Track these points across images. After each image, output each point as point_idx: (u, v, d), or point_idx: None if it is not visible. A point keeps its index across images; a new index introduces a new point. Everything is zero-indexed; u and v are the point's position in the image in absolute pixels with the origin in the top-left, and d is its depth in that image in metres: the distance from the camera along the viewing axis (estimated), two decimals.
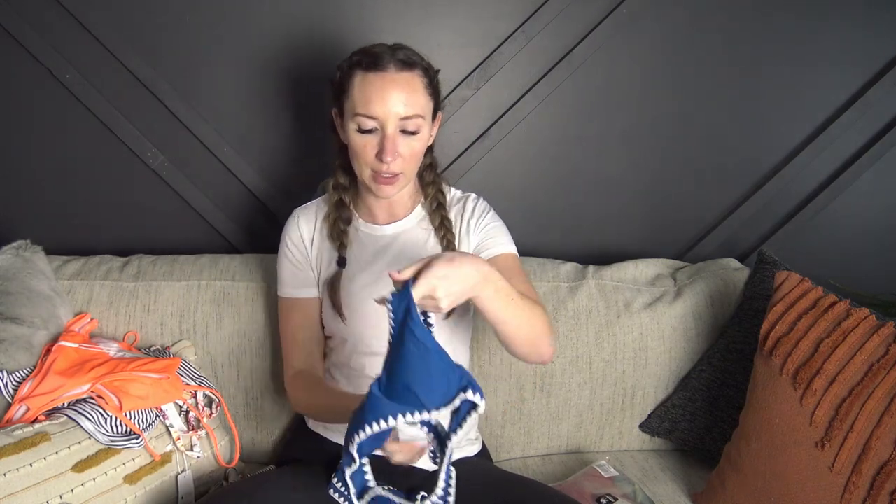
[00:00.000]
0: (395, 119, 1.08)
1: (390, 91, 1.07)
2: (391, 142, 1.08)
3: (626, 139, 1.63)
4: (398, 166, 1.11)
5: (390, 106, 1.07)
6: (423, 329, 0.83)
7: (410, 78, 1.10)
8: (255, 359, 1.41)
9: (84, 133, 1.53)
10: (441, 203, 1.24)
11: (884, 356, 1.19)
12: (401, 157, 1.10)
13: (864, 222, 1.71)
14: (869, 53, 1.61)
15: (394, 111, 1.08)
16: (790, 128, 1.66)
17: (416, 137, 1.11)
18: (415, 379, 0.83)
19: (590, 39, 1.54)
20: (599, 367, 1.46)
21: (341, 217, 1.23)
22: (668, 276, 1.57)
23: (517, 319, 0.99)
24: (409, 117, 1.09)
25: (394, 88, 1.08)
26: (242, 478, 1.28)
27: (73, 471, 1.06)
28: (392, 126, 1.08)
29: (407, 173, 1.14)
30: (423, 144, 1.14)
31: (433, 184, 1.24)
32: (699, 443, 1.46)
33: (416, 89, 1.10)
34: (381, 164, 1.10)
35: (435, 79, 1.15)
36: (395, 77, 1.08)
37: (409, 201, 1.25)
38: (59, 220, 1.59)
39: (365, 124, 1.09)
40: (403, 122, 1.09)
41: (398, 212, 1.24)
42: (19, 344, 1.19)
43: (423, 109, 1.11)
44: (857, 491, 1.13)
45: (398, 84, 1.08)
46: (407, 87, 1.09)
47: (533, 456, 1.51)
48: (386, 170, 1.10)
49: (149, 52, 1.49)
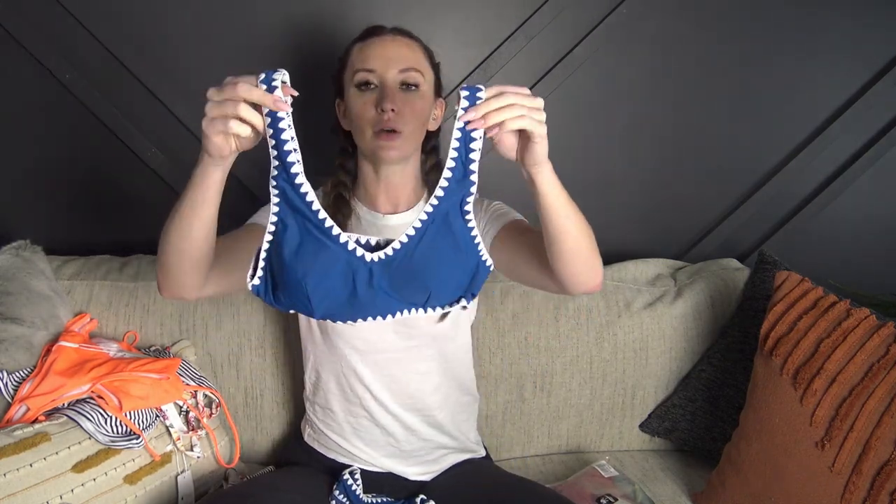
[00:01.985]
0: (393, 70, 1.08)
1: (388, 46, 1.10)
2: (391, 89, 1.07)
3: (626, 139, 1.63)
4: (399, 121, 1.07)
5: (389, 56, 1.08)
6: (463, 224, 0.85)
7: (409, 42, 1.13)
8: (255, 359, 1.41)
9: (84, 133, 1.53)
10: None
11: (884, 356, 1.19)
12: (401, 112, 1.07)
13: (864, 222, 1.71)
14: (869, 53, 1.61)
15: (393, 61, 1.08)
16: (790, 128, 1.66)
17: (416, 94, 1.10)
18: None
19: (590, 39, 1.54)
20: (600, 367, 1.46)
21: (341, 212, 1.19)
22: (668, 276, 1.57)
23: (578, 219, 0.94)
24: (408, 69, 1.08)
25: (392, 45, 1.10)
26: (242, 478, 1.28)
27: (73, 471, 1.06)
28: (391, 76, 1.08)
29: (407, 134, 1.09)
30: (425, 104, 1.12)
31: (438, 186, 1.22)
32: (699, 443, 1.46)
33: (416, 50, 1.12)
34: (380, 116, 1.06)
35: (436, 61, 1.17)
36: (394, 38, 1.12)
37: (412, 194, 1.20)
38: (59, 220, 1.59)
39: (364, 78, 1.08)
40: (403, 75, 1.08)
41: (399, 201, 1.19)
42: (19, 344, 1.19)
43: (422, 67, 1.11)
44: (857, 491, 1.13)
45: (397, 42, 1.11)
46: (405, 46, 1.11)
47: (533, 456, 1.51)
48: (387, 120, 1.06)
49: (149, 52, 1.49)
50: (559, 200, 0.92)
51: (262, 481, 1.14)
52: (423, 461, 1.21)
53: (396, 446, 1.18)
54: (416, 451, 1.20)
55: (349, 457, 1.20)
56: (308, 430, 1.27)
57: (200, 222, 0.93)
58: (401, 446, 1.18)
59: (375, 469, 1.19)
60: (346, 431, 1.19)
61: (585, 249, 0.96)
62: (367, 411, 1.16)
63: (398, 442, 1.18)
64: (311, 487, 1.13)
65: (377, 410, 1.16)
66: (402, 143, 1.09)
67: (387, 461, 1.19)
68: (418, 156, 1.19)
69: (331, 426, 1.20)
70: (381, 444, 1.18)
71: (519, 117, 0.82)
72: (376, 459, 1.18)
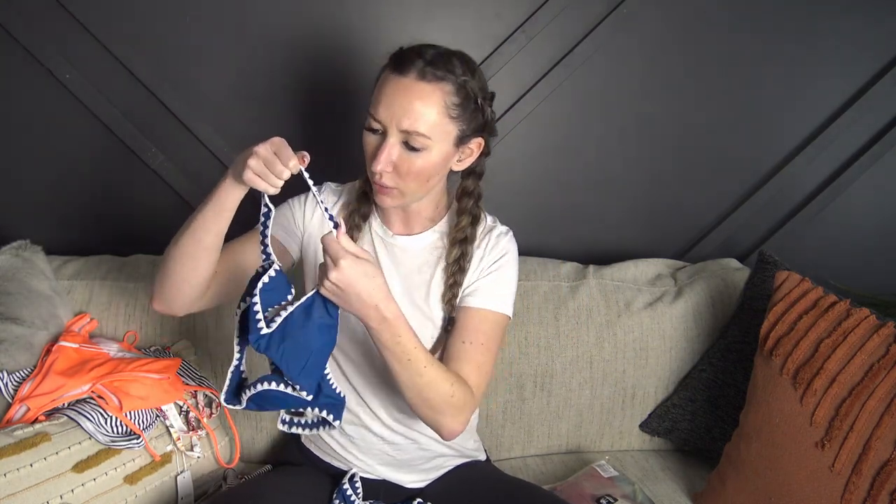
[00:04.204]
0: (395, 129, 0.98)
1: (399, 99, 0.97)
2: (385, 150, 0.98)
3: (626, 139, 1.63)
4: (391, 180, 1.01)
5: (393, 113, 0.97)
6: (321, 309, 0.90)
7: (430, 92, 0.97)
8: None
9: (84, 133, 1.53)
10: (468, 238, 1.10)
11: (884, 356, 1.19)
12: (396, 171, 1.00)
13: (864, 222, 1.71)
14: (869, 53, 1.61)
15: (395, 121, 0.97)
16: (790, 128, 1.66)
17: (419, 155, 0.99)
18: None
19: (590, 39, 1.54)
20: (600, 367, 1.46)
21: (359, 211, 1.14)
22: (668, 276, 1.57)
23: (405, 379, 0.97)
24: (411, 133, 0.97)
25: (404, 98, 0.97)
26: (241, 477, 1.28)
27: (73, 471, 1.06)
28: (393, 135, 0.98)
29: (404, 190, 1.03)
30: (431, 167, 1.01)
31: (468, 213, 1.11)
32: (699, 443, 1.46)
33: (431, 105, 0.97)
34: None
35: (472, 101, 1.01)
36: (412, 86, 0.97)
37: (427, 220, 1.13)
38: (59, 220, 1.59)
39: (370, 124, 1.00)
40: (405, 136, 0.98)
41: (412, 225, 1.13)
42: (19, 344, 1.19)
43: (430, 130, 0.98)
44: (857, 491, 1.13)
45: (411, 94, 0.97)
46: (419, 101, 0.97)
47: (533, 455, 1.51)
48: (378, 178, 1.01)
49: (149, 52, 1.49)
50: (386, 356, 0.96)
51: (264, 482, 1.13)
52: (419, 470, 1.20)
53: (393, 455, 1.18)
54: (413, 461, 1.19)
55: (346, 463, 1.19)
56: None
57: (211, 235, 0.98)
58: (397, 456, 1.18)
59: (372, 477, 1.18)
60: (343, 440, 1.18)
61: (417, 406, 1.00)
62: (364, 425, 1.16)
63: (395, 452, 1.17)
64: (312, 489, 1.13)
65: (373, 424, 1.15)
66: (398, 198, 1.04)
67: (383, 469, 1.18)
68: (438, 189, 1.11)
69: (328, 432, 1.20)
70: (377, 453, 1.17)
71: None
72: (373, 468, 1.18)
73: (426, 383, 0.97)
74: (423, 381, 0.96)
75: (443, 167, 1.04)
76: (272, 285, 0.89)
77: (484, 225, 1.14)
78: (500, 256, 1.12)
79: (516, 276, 1.14)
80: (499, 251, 1.12)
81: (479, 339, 1.07)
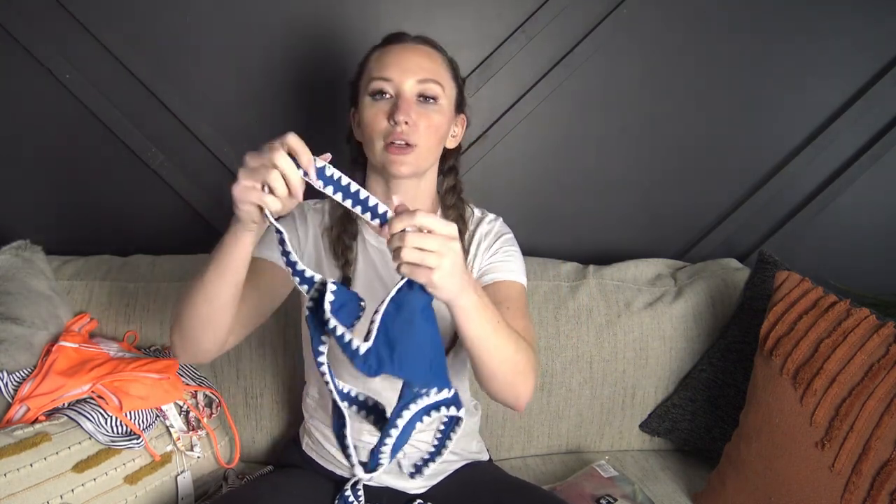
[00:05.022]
0: (411, 80, 1.01)
1: (408, 54, 1.03)
2: (406, 100, 1.00)
3: (626, 139, 1.63)
4: (412, 135, 1.00)
5: (407, 65, 1.01)
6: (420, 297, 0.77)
7: (431, 52, 1.06)
8: (255, 359, 1.41)
9: (84, 133, 1.53)
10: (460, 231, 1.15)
11: (884, 356, 1.19)
12: (416, 125, 1.00)
13: (864, 222, 1.71)
14: (869, 53, 1.61)
15: (410, 71, 1.01)
16: (790, 128, 1.66)
17: (434, 108, 1.03)
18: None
19: (590, 39, 1.54)
20: (600, 367, 1.46)
21: (346, 231, 1.12)
22: (668, 276, 1.57)
23: (497, 348, 0.89)
24: (427, 80, 1.01)
25: (412, 53, 1.04)
26: (241, 477, 1.28)
27: (73, 471, 1.06)
28: (408, 86, 1.01)
29: (422, 149, 1.02)
30: (443, 120, 1.04)
31: (454, 208, 1.14)
32: (699, 443, 1.46)
33: (436, 61, 1.05)
34: (393, 127, 1.00)
35: (459, 75, 1.10)
36: (415, 47, 1.05)
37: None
38: (59, 220, 1.59)
39: (379, 87, 1.01)
40: (421, 86, 1.01)
41: None
42: (19, 344, 1.19)
43: (443, 80, 1.04)
44: (857, 491, 1.13)
45: (417, 51, 1.04)
46: (426, 56, 1.04)
47: (533, 455, 1.51)
48: (399, 133, 0.99)
49: (149, 51, 1.49)
50: (479, 331, 0.87)
51: (266, 483, 1.13)
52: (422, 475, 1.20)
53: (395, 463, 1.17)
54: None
55: (347, 470, 1.19)
56: (306, 439, 1.25)
57: (227, 288, 0.89)
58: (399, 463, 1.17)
59: (373, 484, 1.18)
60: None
61: (510, 372, 0.93)
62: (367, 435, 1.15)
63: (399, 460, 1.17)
64: (314, 492, 1.13)
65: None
66: (415, 159, 1.02)
67: (386, 477, 1.18)
68: (434, 175, 1.13)
69: (329, 439, 1.19)
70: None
71: (405, 263, 0.76)
72: (376, 475, 1.18)
73: (516, 341, 0.92)
74: (514, 342, 0.92)
75: (448, 127, 1.08)
76: (338, 303, 0.75)
77: (473, 216, 1.18)
78: (499, 237, 1.15)
79: (520, 251, 1.16)
80: (495, 234, 1.15)
81: (514, 304, 1.07)
